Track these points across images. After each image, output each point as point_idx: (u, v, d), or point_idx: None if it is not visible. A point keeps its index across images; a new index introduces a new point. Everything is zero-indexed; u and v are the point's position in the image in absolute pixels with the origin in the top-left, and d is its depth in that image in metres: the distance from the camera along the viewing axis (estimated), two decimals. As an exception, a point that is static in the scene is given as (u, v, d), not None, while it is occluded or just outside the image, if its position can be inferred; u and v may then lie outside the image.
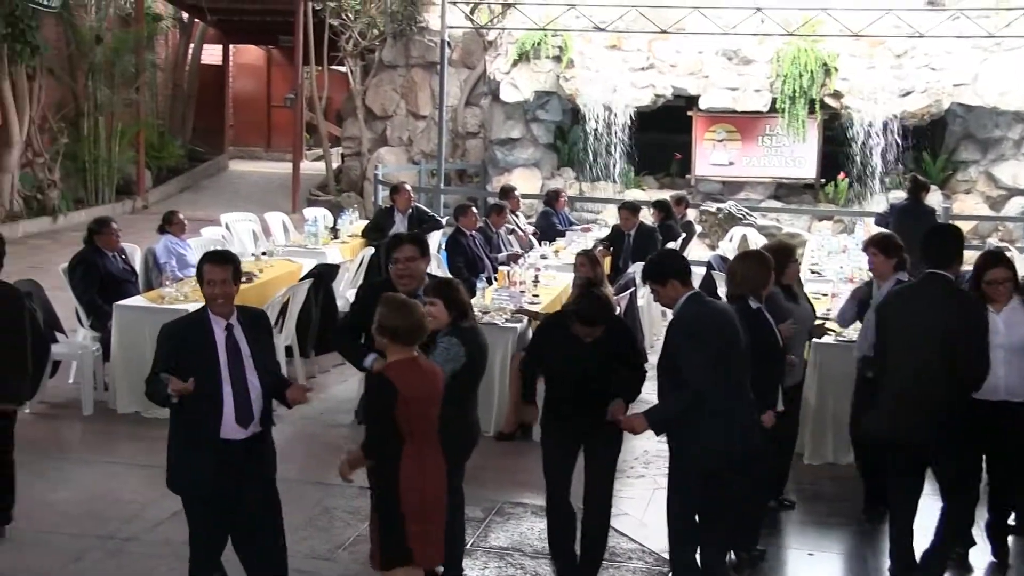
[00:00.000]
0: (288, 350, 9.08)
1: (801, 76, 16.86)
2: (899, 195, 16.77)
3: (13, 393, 6.04)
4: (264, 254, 10.85)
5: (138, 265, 9.75)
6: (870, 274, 7.15)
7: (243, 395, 4.92)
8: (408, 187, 12.32)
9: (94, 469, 7.28)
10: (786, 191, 17.94)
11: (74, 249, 9.27)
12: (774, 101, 17.18)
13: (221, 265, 4.96)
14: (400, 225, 11.89)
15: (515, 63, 18.06)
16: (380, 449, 4.64)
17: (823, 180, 17.68)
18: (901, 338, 5.69)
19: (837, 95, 17.10)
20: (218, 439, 4.88)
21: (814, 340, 7.26)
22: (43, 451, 7.29)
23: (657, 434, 5.73)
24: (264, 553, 5.08)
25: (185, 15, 23.02)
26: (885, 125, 16.98)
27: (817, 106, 17.11)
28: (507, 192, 13.53)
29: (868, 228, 14.98)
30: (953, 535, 5.87)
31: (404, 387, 4.59)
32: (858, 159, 17.22)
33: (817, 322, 7.18)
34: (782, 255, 6.54)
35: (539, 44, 17.83)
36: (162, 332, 4.99)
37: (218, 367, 4.88)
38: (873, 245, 6.84)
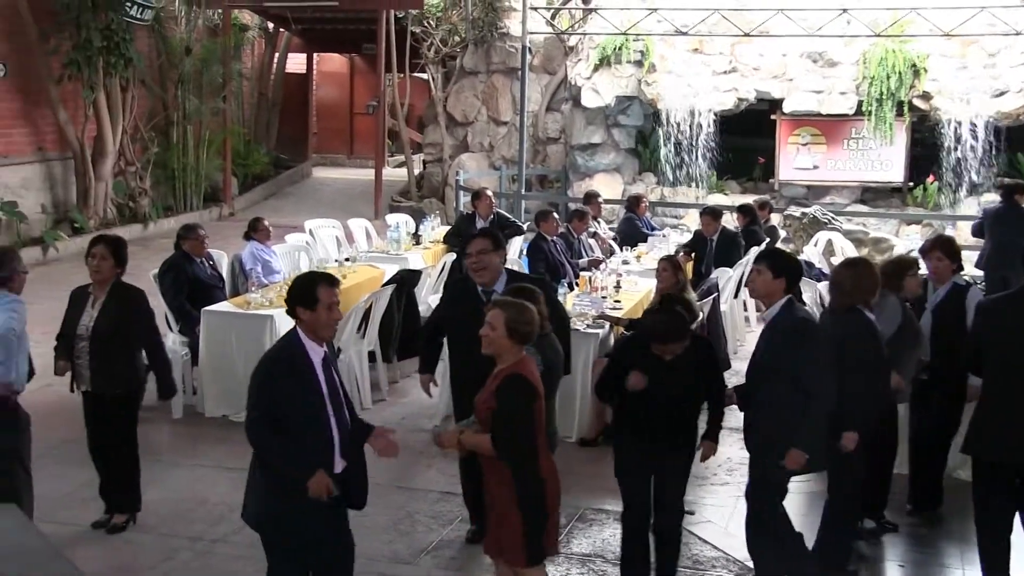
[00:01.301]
0: (371, 355, 9.16)
1: (889, 78, 16.52)
2: (991, 198, 16.40)
3: (169, 383, 6.57)
4: (347, 260, 10.96)
5: (225, 271, 9.92)
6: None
7: (344, 424, 4.74)
8: (489, 192, 12.36)
9: (183, 472, 7.42)
10: (873, 195, 17.61)
11: (164, 255, 9.47)
12: (860, 104, 16.86)
13: (336, 287, 4.75)
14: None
15: (596, 68, 18.00)
16: (525, 449, 4.70)
17: (911, 183, 17.31)
18: (1004, 351, 5.49)
19: (926, 96, 16.73)
20: (332, 474, 4.63)
21: None
22: (134, 453, 7.43)
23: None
24: None
25: (271, 25, 23.40)
26: (976, 126, 16.54)
27: (905, 108, 16.74)
28: (589, 198, 13.49)
29: (959, 232, 14.69)
30: None
31: (537, 384, 4.73)
32: (948, 162, 16.82)
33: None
34: (902, 267, 6.48)
35: (620, 49, 17.75)
36: (259, 374, 4.62)
37: (323, 396, 4.65)
38: (939, 248, 6.71)
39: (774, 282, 5.37)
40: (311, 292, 4.64)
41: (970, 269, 10.16)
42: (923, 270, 6.89)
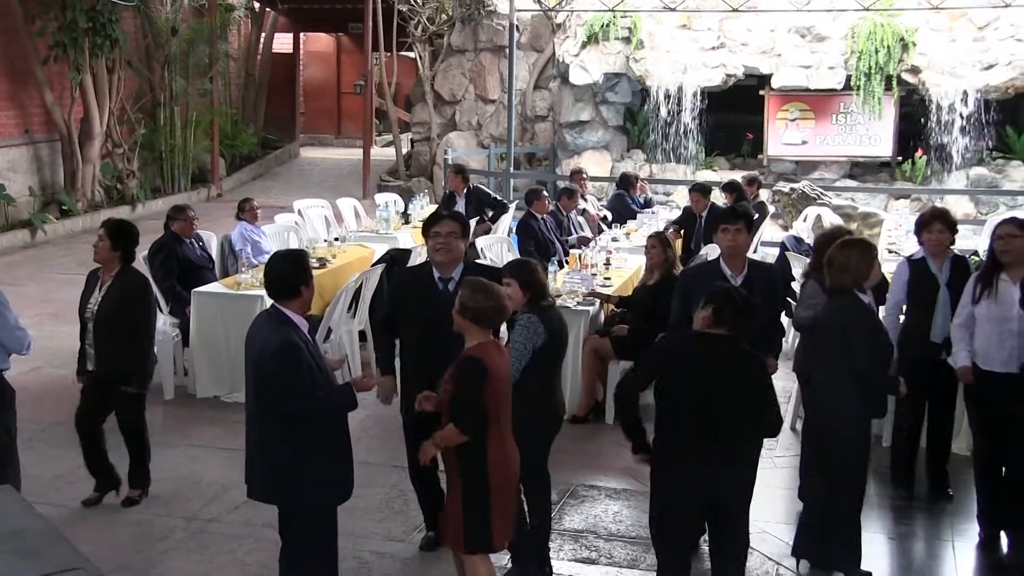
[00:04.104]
0: (361, 334, 9.17)
1: (877, 52, 16.51)
2: (980, 172, 16.45)
3: (143, 376, 6.44)
4: (336, 240, 10.96)
5: (214, 252, 9.92)
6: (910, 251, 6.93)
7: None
8: (461, 167, 12.41)
9: (176, 452, 7.44)
10: (862, 170, 17.64)
11: (153, 237, 9.44)
12: (849, 78, 16.86)
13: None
14: (459, 207, 11.97)
15: (584, 45, 17.97)
16: (472, 434, 4.66)
17: (900, 158, 17.34)
18: None
19: (915, 70, 16.73)
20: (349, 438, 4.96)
21: None
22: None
23: None
24: None
25: (257, 4, 23.27)
26: (966, 100, 16.54)
27: (894, 82, 16.74)
28: (574, 174, 13.53)
29: (947, 205, 14.71)
30: None
31: (493, 368, 4.64)
32: (937, 136, 16.84)
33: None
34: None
35: (608, 25, 17.71)
36: (297, 352, 4.65)
37: (322, 366, 4.87)
38: (939, 220, 6.60)
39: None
40: (307, 269, 4.85)
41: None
42: (889, 245, 6.77)
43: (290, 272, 4.78)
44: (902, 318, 6.70)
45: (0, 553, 3.08)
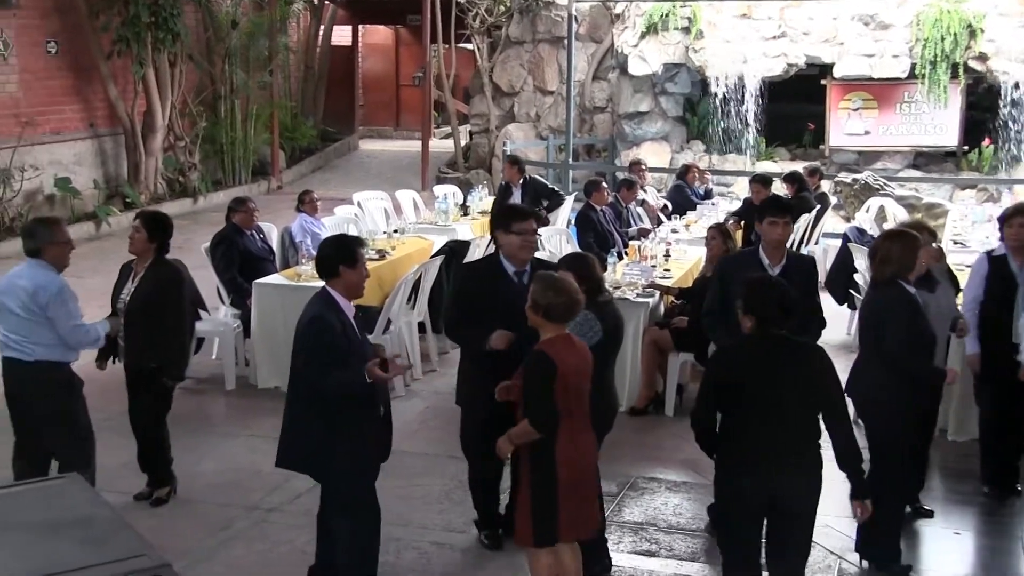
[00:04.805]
0: (421, 326, 9.19)
1: (943, 39, 16.19)
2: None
3: (177, 371, 6.40)
4: (396, 231, 11.00)
5: (275, 244, 10.00)
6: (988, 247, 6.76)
7: None
8: (517, 158, 12.34)
9: (237, 442, 7.51)
10: (926, 160, 17.32)
11: (214, 229, 9.56)
12: (913, 67, 16.56)
13: (363, 248, 5.23)
14: (515, 197, 11.94)
15: (643, 35, 17.84)
16: (542, 430, 4.64)
17: (966, 147, 17.01)
18: None
19: (983, 57, 16.37)
20: (379, 418, 5.05)
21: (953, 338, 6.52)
22: (189, 424, 7.53)
23: None
24: None
25: (316, -2, 23.43)
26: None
27: (960, 70, 16.41)
28: (633, 165, 13.45)
29: (1016, 196, 14.40)
30: None
31: (562, 363, 4.63)
32: (1005, 124, 16.47)
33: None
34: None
35: (667, 15, 17.56)
36: (321, 327, 4.85)
37: (364, 348, 5.02)
38: (1021, 215, 6.40)
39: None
40: (353, 251, 5.01)
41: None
42: (954, 236, 6.60)
43: (331, 253, 5.03)
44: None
45: (67, 540, 3.13)
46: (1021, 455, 6.72)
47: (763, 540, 4.79)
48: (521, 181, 12.26)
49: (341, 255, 4.99)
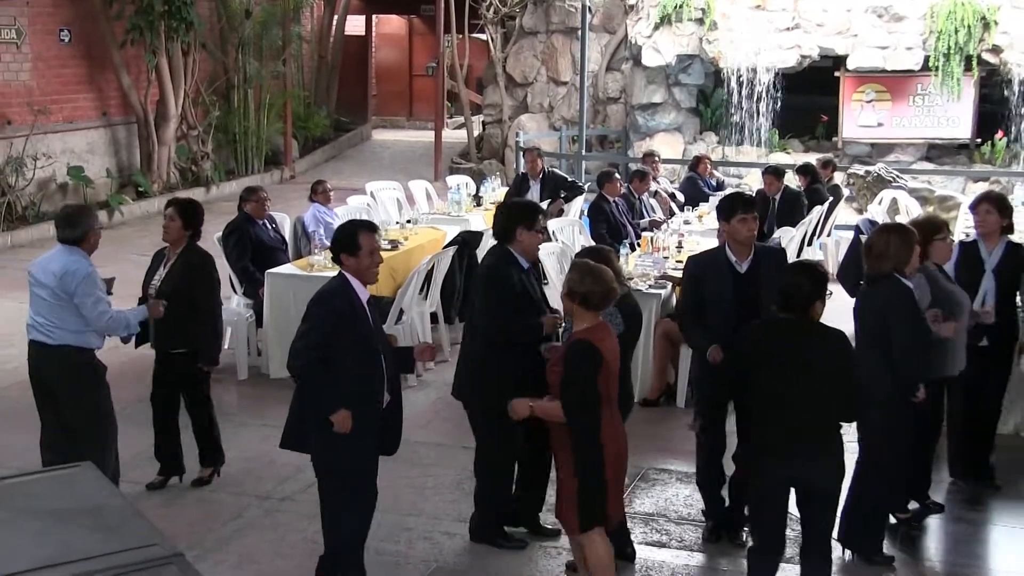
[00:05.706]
0: (433, 316, 9.20)
1: (957, 32, 16.11)
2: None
3: (211, 355, 6.53)
4: (408, 222, 11.00)
5: (287, 234, 10.01)
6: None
7: (388, 361, 5.07)
8: (535, 150, 12.30)
9: (250, 431, 7.54)
10: (939, 152, 17.25)
11: (227, 218, 9.57)
12: (927, 59, 16.48)
13: (376, 233, 5.16)
14: (534, 190, 11.92)
15: (657, 26, 17.77)
16: (587, 415, 4.70)
17: (979, 140, 16.93)
18: None
19: (996, 50, 16.28)
20: (380, 408, 5.03)
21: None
22: (202, 413, 7.55)
23: None
24: None
25: (329, -13, 23.42)
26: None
27: (974, 62, 16.32)
28: (646, 156, 13.42)
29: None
30: None
31: (606, 352, 4.71)
32: (1019, 117, 16.39)
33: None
34: (928, 231, 5.97)
35: (681, 6, 17.49)
36: (322, 307, 4.94)
37: (374, 332, 5.03)
38: (988, 202, 6.45)
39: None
40: (353, 239, 5.00)
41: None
42: (967, 229, 6.62)
43: (336, 241, 5.12)
44: None
45: (79, 529, 3.15)
46: (992, 448, 6.69)
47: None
48: (540, 175, 12.22)
49: (339, 243, 5.08)
